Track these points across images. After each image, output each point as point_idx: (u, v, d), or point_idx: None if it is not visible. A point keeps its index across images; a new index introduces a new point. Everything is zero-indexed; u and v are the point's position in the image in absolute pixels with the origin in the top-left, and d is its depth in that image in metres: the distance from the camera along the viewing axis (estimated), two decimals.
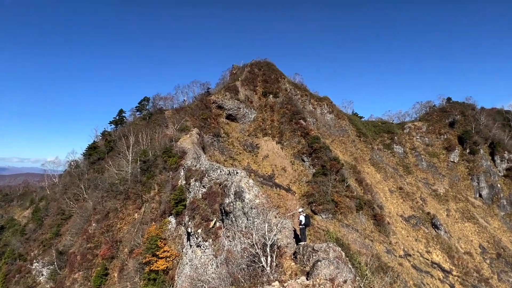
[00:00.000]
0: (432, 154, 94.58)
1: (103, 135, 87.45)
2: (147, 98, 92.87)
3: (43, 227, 65.86)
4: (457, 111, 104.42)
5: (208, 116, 76.26)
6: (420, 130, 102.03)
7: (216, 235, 31.42)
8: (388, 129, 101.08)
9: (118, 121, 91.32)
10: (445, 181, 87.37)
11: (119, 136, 75.98)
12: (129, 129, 72.09)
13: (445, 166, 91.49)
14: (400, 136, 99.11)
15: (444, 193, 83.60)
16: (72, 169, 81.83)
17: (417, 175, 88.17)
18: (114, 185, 54.05)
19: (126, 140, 62.81)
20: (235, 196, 29.76)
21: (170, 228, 41.83)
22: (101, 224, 49.19)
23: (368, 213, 61.96)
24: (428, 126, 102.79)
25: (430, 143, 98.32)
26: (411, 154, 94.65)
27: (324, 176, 63.76)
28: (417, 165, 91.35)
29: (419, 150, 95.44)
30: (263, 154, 73.91)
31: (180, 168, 48.73)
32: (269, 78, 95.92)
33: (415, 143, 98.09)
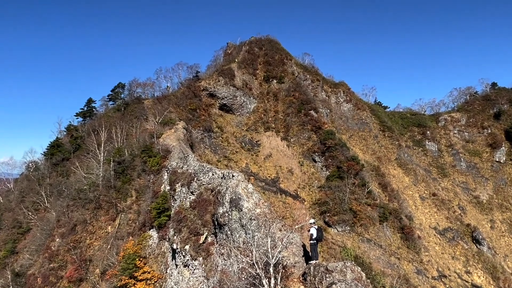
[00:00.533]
0: (473, 153, 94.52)
1: (68, 130, 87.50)
2: (122, 85, 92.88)
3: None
4: (504, 99, 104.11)
5: (197, 107, 76.24)
6: (459, 123, 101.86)
7: (208, 252, 31.51)
8: (419, 122, 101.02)
9: (86, 112, 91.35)
10: (489, 186, 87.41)
11: (87, 132, 75.87)
12: (100, 122, 72.04)
13: (489, 167, 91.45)
14: (434, 131, 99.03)
15: (487, 201, 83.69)
16: (30, 172, 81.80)
17: (455, 179, 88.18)
18: (82, 191, 54.09)
19: (96, 136, 62.74)
20: (230, 205, 29.80)
21: (151, 244, 41.89)
22: (67, 239, 49.31)
23: (394, 225, 62.09)
24: (468, 118, 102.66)
25: (470, 139, 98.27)
26: (447, 153, 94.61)
27: (340, 179, 63.79)
28: (454, 166, 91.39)
29: (457, 148, 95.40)
30: (265, 153, 73.97)
31: (163, 171, 48.74)
32: (272, 59, 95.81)
33: (452, 139, 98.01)
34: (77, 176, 59.09)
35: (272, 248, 18.72)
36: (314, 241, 21.60)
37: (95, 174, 55.09)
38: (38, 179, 72.99)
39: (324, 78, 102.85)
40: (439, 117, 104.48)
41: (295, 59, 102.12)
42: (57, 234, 51.80)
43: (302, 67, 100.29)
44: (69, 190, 58.39)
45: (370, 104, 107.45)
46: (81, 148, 73.22)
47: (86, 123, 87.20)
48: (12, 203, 75.75)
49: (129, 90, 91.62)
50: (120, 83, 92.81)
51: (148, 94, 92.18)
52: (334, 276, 17.48)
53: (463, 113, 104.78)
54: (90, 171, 56.43)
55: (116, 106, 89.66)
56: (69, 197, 56.32)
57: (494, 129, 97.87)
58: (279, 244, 19.31)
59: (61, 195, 60.55)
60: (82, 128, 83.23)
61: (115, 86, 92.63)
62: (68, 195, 57.51)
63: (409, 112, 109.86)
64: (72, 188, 57.83)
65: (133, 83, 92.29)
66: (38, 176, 75.29)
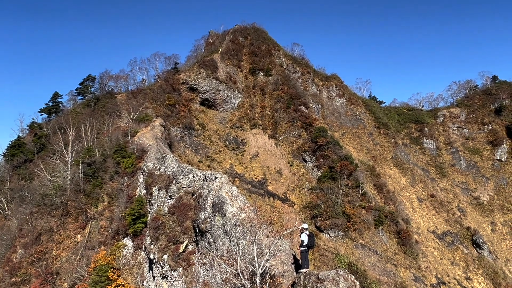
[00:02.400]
0: (473, 151, 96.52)
1: (31, 128, 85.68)
2: (92, 77, 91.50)
3: None
4: (506, 93, 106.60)
5: (176, 102, 75.74)
6: (458, 119, 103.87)
7: (189, 262, 31.40)
8: (416, 118, 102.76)
9: (51, 108, 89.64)
10: (490, 186, 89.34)
11: (53, 130, 74.59)
12: (68, 119, 70.88)
13: (490, 166, 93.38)
14: (432, 127, 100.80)
15: (488, 202, 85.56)
16: None
17: (454, 179, 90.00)
18: (47, 196, 53.14)
19: (63, 135, 61.74)
20: (213, 210, 29.74)
21: (125, 253, 41.50)
22: (30, 250, 48.38)
23: (391, 229, 63.00)
24: (468, 113, 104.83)
25: (470, 136, 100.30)
26: (446, 151, 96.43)
27: (332, 181, 64.38)
28: (453, 165, 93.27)
29: (456, 146, 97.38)
30: (251, 153, 74.02)
31: (138, 173, 48.32)
32: (259, 49, 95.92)
33: (451, 136, 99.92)
34: (41, 180, 57.99)
35: (259, 256, 18.74)
36: (305, 248, 21.73)
37: (62, 177, 54.19)
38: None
39: (315, 70, 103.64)
40: (438, 113, 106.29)
41: (283, 50, 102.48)
42: (19, 244, 50.68)
43: (291, 58, 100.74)
44: (33, 195, 57.28)
45: (365, 99, 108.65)
46: (46, 148, 71.86)
47: (52, 120, 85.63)
48: None
49: (100, 83, 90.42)
50: (90, 76, 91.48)
51: (122, 87, 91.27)
52: (326, 285, 17.63)
53: (462, 108, 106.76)
54: (56, 174, 55.48)
55: (85, 101, 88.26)
56: (33, 203, 55.21)
57: (495, 125, 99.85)
58: (266, 251, 19.35)
59: (23, 201, 59.32)
60: (47, 126, 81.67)
61: (84, 79, 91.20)
62: (31, 201, 56.39)
63: (406, 108, 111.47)
64: (36, 193, 56.73)
65: (104, 76, 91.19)
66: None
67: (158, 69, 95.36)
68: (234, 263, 19.19)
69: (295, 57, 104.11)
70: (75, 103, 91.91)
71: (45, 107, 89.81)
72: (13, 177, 72.16)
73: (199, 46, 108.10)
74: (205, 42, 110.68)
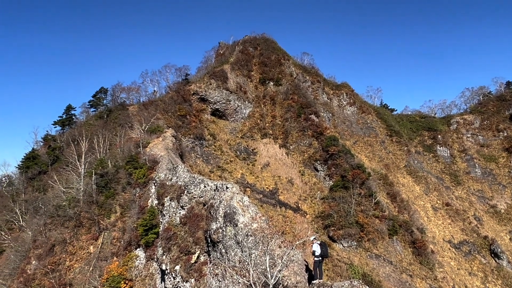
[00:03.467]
0: (488, 158, 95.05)
1: (45, 141, 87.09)
2: (104, 90, 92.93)
3: None
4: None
5: (187, 112, 76.33)
6: (472, 126, 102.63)
7: (200, 273, 31.26)
8: (429, 126, 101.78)
9: (65, 121, 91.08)
10: (507, 194, 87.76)
11: (67, 142, 75.61)
12: (81, 131, 71.90)
13: (506, 173, 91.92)
14: (446, 135, 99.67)
15: (506, 210, 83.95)
16: (3, 187, 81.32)
17: (469, 187, 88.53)
18: (61, 208, 53.70)
19: (76, 147, 62.56)
20: (225, 220, 29.66)
21: (137, 264, 41.57)
22: (44, 261, 48.78)
23: (405, 238, 62.07)
24: (482, 120, 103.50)
25: (485, 143, 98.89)
26: (461, 159, 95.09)
27: (344, 190, 63.89)
28: (468, 173, 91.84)
29: (471, 153, 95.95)
30: (262, 162, 73.95)
31: (150, 183, 48.58)
32: (268, 59, 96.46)
33: (466, 144, 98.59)
34: (55, 191, 58.69)
35: (271, 267, 18.59)
36: (318, 258, 21.49)
37: (75, 189, 54.76)
38: (12, 195, 72.40)
39: (325, 79, 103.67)
40: (451, 120, 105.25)
41: (293, 59, 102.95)
42: (33, 256, 51.19)
43: (301, 67, 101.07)
44: (47, 206, 57.94)
45: (376, 106, 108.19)
46: (59, 160, 72.84)
47: (65, 132, 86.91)
48: None
49: (112, 95, 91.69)
50: (102, 88, 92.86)
51: (133, 99, 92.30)
52: None
53: (476, 115, 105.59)
54: (69, 185, 56.09)
55: (98, 113, 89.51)
56: (47, 215, 55.83)
57: (511, 131, 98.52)
58: (279, 262, 19.18)
59: (37, 212, 60.04)
60: (61, 138, 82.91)
61: (97, 91, 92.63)
62: (45, 212, 57.03)
63: (418, 115, 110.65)
64: (49, 204, 57.38)
65: (116, 88, 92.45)
66: (12, 191, 74.73)
67: (169, 81, 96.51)
68: (247, 274, 19.05)
69: (304, 66, 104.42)
70: (88, 115, 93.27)
71: (59, 120, 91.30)
72: (28, 188, 73.23)
73: (209, 57, 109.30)
74: (215, 53, 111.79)
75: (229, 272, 22.93)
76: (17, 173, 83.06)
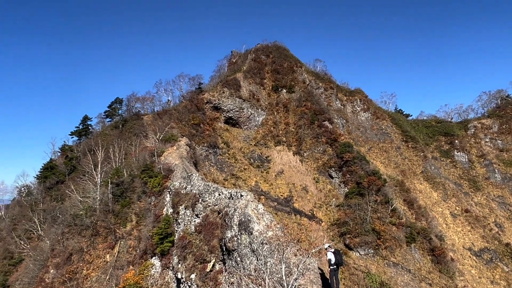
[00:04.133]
0: (508, 163, 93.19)
1: (62, 151, 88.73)
2: (120, 100, 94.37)
3: None
4: None
5: (200, 121, 76.88)
6: (490, 130, 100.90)
7: (216, 281, 31.17)
8: (446, 131, 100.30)
9: (81, 131, 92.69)
10: None
11: (83, 152, 76.80)
12: (97, 141, 72.94)
13: None
14: (463, 140, 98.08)
15: None
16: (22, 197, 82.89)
17: (489, 192, 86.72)
18: (78, 217, 54.39)
19: (93, 157, 63.49)
20: (239, 228, 29.59)
21: (153, 273, 41.70)
22: (62, 270, 49.37)
23: (424, 246, 60.97)
24: (500, 124, 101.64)
25: (504, 147, 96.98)
26: (479, 164, 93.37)
27: (360, 197, 63.21)
28: (488, 179, 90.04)
29: (489, 158, 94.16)
30: (276, 170, 73.77)
31: (165, 192, 48.88)
32: (281, 67, 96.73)
33: (484, 148, 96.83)
34: (72, 200, 59.54)
35: (287, 276, 18.43)
36: (334, 266, 21.24)
37: (92, 198, 55.43)
38: (30, 205, 73.79)
39: (338, 85, 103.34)
40: (468, 125, 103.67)
41: (305, 66, 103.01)
42: (51, 264, 51.91)
43: (313, 74, 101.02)
44: (64, 215, 58.79)
45: (390, 112, 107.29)
46: (76, 170, 74.02)
47: (82, 142, 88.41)
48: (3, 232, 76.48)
49: (127, 105, 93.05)
50: (118, 98, 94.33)
51: (148, 109, 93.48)
52: None
53: (494, 119, 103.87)
54: (86, 195, 56.82)
55: (113, 123, 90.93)
56: (64, 224, 56.64)
57: None
58: (295, 270, 19.01)
59: (55, 221, 60.97)
60: (78, 148, 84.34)
61: (112, 102, 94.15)
62: (63, 221, 57.87)
63: (434, 120, 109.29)
64: (67, 213, 58.21)
65: (131, 98, 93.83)
66: (31, 201, 76.17)
67: (182, 90, 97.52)
68: (262, 283, 18.92)
69: (317, 73, 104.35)
70: (103, 125, 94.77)
71: (76, 130, 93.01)
72: (46, 198, 74.55)
73: (222, 66, 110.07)
74: (227, 61, 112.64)
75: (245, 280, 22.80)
76: (35, 183, 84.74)
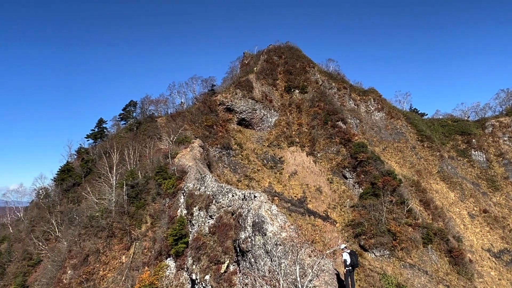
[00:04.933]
0: None
1: (78, 154, 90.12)
2: (134, 103, 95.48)
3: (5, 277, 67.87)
4: None
5: (213, 123, 77.18)
6: (509, 129, 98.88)
7: (230, 282, 31.17)
8: (463, 129, 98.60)
9: (97, 134, 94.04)
10: None
11: (99, 154, 77.94)
12: (112, 144, 73.94)
13: None
14: (481, 138, 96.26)
15: None
16: (40, 199, 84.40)
17: (509, 192, 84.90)
18: (94, 218, 55.17)
19: (108, 159, 64.34)
20: (253, 229, 29.54)
21: (168, 274, 41.95)
22: (79, 271, 50.10)
23: (441, 247, 59.94)
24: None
25: None
26: (498, 163, 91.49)
27: (375, 197, 62.54)
28: (507, 178, 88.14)
29: (508, 157, 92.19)
30: (289, 171, 73.53)
31: (179, 193, 49.16)
32: (293, 67, 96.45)
33: (503, 147, 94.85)
34: (88, 202, 60.43)
35: (302, 277, 18.31)
36: (349, 267, 21.02)
37: (108, 200, 56.16)
38: (48, 207, 75.17)
39: (352, 85, 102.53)
40: (486, 123, 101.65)
41: (318, 66, 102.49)
42: (68, 265, 52.75)
43: (326, 74, 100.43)
44: (81, 217, 59.71)
45: (405, 111, 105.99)
46: (92, 172, 75.08)
47: (97, 145, 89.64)
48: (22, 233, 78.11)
49: (141, 108, 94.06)
50: (132, 101, 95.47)
51: (161, 111, 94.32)
52: None
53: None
54: (102, 197, 57.59)
55: (128, 125, 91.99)
56: (81, 225, 57.52)
57: None
58: (309, 272, 18.87)
59: (72, 223, 61.96)
60: (93, 151, 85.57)
61: (127, 105, 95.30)
62: (79, 223, 58.77)
63: (450, 119, 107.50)
64: (83, 215, 59.12)
65: (145, 101, 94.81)
66: (49, 203, 77.58)
67: (195, 92, 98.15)
68: (277, 284, 18.83)
69: (330, 73, 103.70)
70: (118, 128, 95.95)
71: (91, 133, 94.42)
72: (63, 200, 75.80)
73: (234, 67, 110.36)
74: (240, 63, 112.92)
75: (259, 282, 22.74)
76: (53, 185, 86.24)
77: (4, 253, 75.66)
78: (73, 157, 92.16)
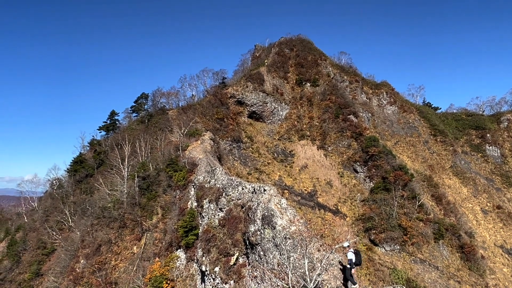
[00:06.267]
0: None
1: (91, 145, 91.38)
2: (145, 95, 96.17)
3: (21, 265, 69.61)
4: None
5: (224, 116, 77.26)
6: None
7: (239, 274, 31.42)
8: (477, 124, 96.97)
9: (109, 126, 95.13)
10: None
11: (111, 146, 78.89)
12: (124, 136, 74.68)
13: None
14: (495, 133, 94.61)
15: None
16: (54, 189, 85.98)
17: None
18: (106, 209, 56.01)
19: (120, 151, 65.02)
20: (263, 222, 29.65)
21: (178, 265, 42.47)
22: (91, 260, 51.05)
23: (452, 243, 59.43)
24: None
25: None
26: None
27: (386, 192, 62.15)
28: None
29: None
30: (300, 164, 73.39)
31: (189, 186, 49.49)
32: (305, 60, 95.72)
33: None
34: (101, 193, 61.34)
35: (310, 271, 18.35)
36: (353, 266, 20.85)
37: (119, 191, 56.88)
38: (62, 197, 76.56)
39: (364, 78, 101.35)
40: (501, 117, 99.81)
41: (330, 59, 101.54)
42: (81, 255, 53.79)
43: (338, 67, 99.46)
44: (93, 208, 60.67)
45: (418, 105, 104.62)
46: (104, 164, 76.10)
47: (110, 137, 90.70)
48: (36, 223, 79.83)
49: (153, 100, 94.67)
50: (144, 94, 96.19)
51: (173, 104, 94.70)
52: None
53: None
54: (114, 188, 58.34)
55: (139, 118, 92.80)
56: (93, 216, 58.48)
57: None
58: (318, 266, 18.91)
59: (85, 213, 63.02)
60: (105, 143, 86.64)
61: (138, 97, 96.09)
62: (92, 214, 59.76)
63: (465, 113, 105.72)
64: (96, 206, 60.06)
65: (156, 93, 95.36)
66: (62, 194, 79.01)
67: (206, 85, 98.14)
68: (285, 277, 18.93)
69: (342, 66, 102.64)
70: (130, 120, 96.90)
71: (104, 125, 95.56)
72: (76, 191, 77.12)
73: (245, 60, 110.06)
74: (251, 56, 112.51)
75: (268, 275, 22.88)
76: (66, 176, 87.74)
77: (20, 241, 77.49)
78: (86, 148, 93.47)
